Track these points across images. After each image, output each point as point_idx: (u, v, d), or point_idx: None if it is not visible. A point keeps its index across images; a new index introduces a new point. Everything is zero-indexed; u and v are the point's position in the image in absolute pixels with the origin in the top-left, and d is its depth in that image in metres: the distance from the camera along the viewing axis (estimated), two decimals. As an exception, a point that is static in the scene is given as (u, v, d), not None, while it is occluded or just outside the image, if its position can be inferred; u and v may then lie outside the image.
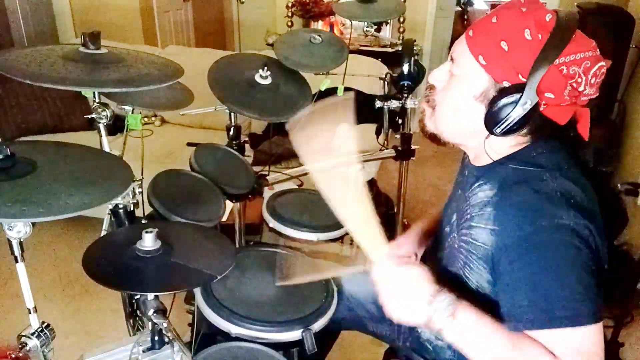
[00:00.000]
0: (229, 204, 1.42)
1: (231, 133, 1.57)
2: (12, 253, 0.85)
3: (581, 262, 0.78)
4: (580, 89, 0.81)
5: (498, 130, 0.83)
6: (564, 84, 0.80)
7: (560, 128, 0.84)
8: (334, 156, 0.95)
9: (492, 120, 0.83)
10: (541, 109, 0.81)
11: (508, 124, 0.81)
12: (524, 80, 0.80)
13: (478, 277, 0.90)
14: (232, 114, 1.53)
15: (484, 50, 0.83)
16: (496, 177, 0.88)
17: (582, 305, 0.76)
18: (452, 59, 0.90)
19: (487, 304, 0.87)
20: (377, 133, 2.40)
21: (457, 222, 0.95)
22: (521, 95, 0.79)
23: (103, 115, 1.10)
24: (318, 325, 1.08)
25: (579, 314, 0.76)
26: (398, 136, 1.93)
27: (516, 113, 0.80)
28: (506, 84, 0.82)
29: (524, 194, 0.81)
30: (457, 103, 0.89)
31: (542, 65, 0.78)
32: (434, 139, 0.96)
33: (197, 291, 1.12)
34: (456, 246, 0.94)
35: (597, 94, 0.84)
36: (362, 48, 3.96)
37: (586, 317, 0.76)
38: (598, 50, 0.81)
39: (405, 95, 1.82)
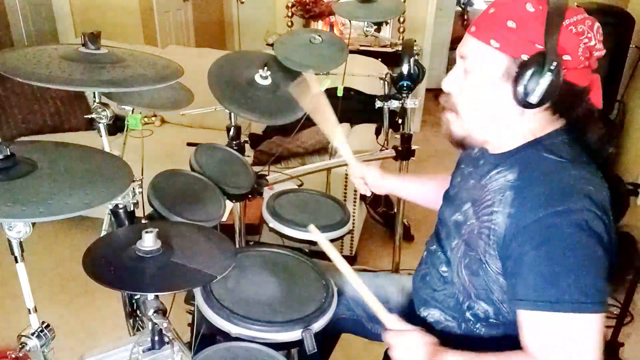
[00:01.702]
0: (229, 204, 1.42)
1: (231, 133, 1.57)
2: (12, 253, 0.85)
3: (592, 251, 0.80)
4: (592, 44, 0.85)
5: (534, 100, 0.84)
6: (577, 42, 0.84)
7: (579, 98, 0.88)
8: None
9: (524, 93, 0.84)
10: (562, 73, 0.83)
11: (541, 92, 0.83)
12: (541, 47, 0.83)
13: (494, 261, 0.92)
14: (232, 114, 1.53)
15: (493, 34, 0.86)
16: (517, 163, 0.91)
17: (589, 293, 0.79)
18: (462, 57, 0.92)
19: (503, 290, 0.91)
20: (377, 133, 2.40)
21: (475, 210, 0.97)
22: (544, 60, 0.82)
23: (103, 115, 1.10)
24: (318, 325, 1.08)
25: (584, 301, 0.78)
26: (398, 136, 1.93)
27: (546, 79, 0.82)
28: (525, 57, 0.84)
29: (543, 182, 0.85)
30: (482, 93, 0.91)
31: (554, 29, 0.82)
32: (462, 144, 0.99)
33: (197, 291, 1.12)
34: (476, 232, 0.95)
35: (604, 50, 0.87)
36: (362, 48, 3.95)
37: (591, 305, 0.78)
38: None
39: (405, 95, 1.81)
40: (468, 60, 0.91)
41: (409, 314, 1.21)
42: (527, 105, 0.85)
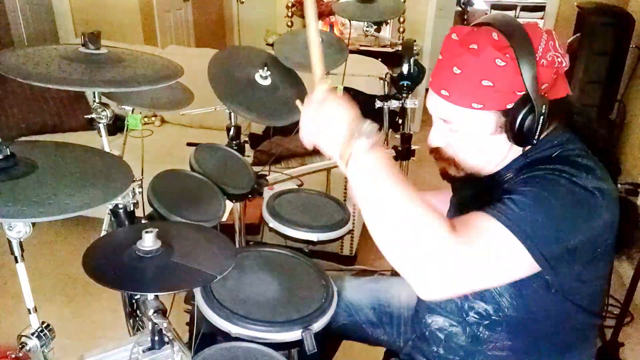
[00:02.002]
0: (229, 204, 1.42)
1: (231, 133, 1.57)
2: (12, 253, 0.84)
3: (574, 214, 0.80)
4: (564, 64, 0.86)
5: (535, 139, 0.85)
6: (551, 71, 0.85)
7: (561, 103, 0.89)
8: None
9: (523, 137, 0.85)
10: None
11: (539, 130, 0.84)
12: (522, 92, 0.83)
13: None
14: (232, 113, 1.52)
15: (472, 98, 0.85)
16: (519, 164, 0.92)
17: (539, 235, 0.78)
18: (443, 120, 0.92)
19: None
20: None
21: (478, 205, 0.95)
22: (532, 105, 0.82)
23: (103, 115, 1.10)
24: (318, 325, 1.08)
25: (532, 238, 0.77)
26: (398, 136, 1.93)
27: (539, 119, 0.83)
28: (510, 106, 0.84)
29: (550, 163, 0.85)
30: (478, 144, 0.91)
31: (532, 74, 0.82)
32: (468, 178, 0.97)
33: (197, 291, 1.12)
34: None
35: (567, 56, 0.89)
36: (362, 48, 3.96)
37: (535, 245, 0.77)
38: (539, 26, 0.87)
39: (405, 95, 1.81)
40: (453, 124, 0.90)
41: (414, 318, 1.21)
42: (530, 144, 0.87)
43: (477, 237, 0.78)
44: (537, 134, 0.85)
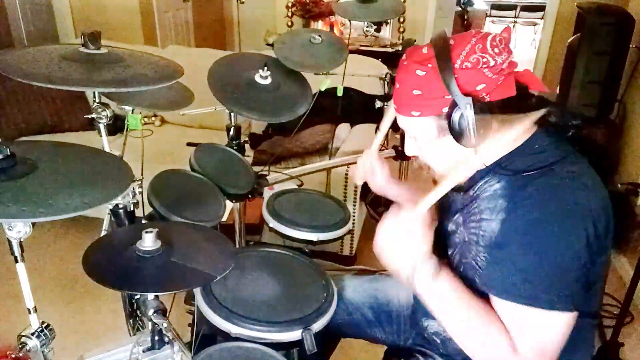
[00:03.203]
0: (229, 204, 1.42)
1: (231, 133, 1.57)
2: (12, 253, 0.84)
3: (576, 256, 0.83)
4: (492, 63, 0.86)
5: (474, 141, 0.88)
6: (478, 72, 0.86)
7: (523, 99, 0.92)
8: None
9: (462, 138, 0.89)
10: (488, 99, 0.87)
11: (473, 130, 0.87)
12: (449, 96, 0.88)
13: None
14: (232, 114, 1.52)
15: (410, 107, 0.93)
16: (504, 171, 0.93)
17: (562, 295, 0.83)
18: (405, 130, 1.00)
19: None
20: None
21: (465, 218, 0.99)
22: (457, 106, 0.87)
23: (103, 115, 1.10)
24: (318, 325, 1.08)
25: (557, 302, 0.83)
26: (398, 136, 1.93)
27: (470, 118, 0.86)
28: (445, 110, 0.89)
29: (533, 183, 0.87)
30: (435, 151, 0.98)
31: (449, 78, 0.86)
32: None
33: (197, 291, 1.12)
34: (466, 239, 0.97)
35: (511, 53, 0.90)
36: (362, 48, 3.96)
37: (563, 305, 0.83)
38: (481, 33, 0.91)
39: (405, 95, 1.81)
40: (409, 132, 0.99)
41: (412, 319, 1.21)
42: (472, 145, 0.89)
43: (536, 343, 0.86)
44: (475, 135, 0.87)
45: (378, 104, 1.87)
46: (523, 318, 0.85)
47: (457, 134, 0.88)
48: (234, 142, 1.58)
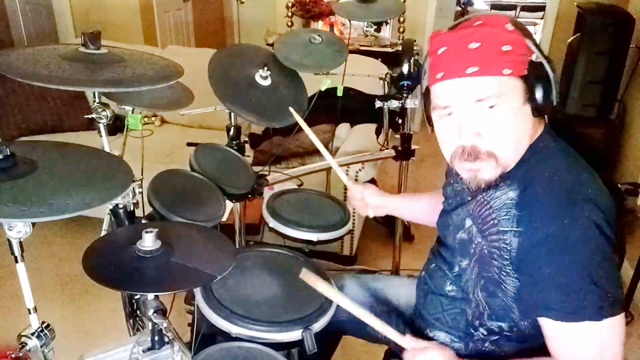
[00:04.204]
0: (229, 204, 1.42)
1: (231, 133, 1.57)
2: (12, 253, 0.84)
3: (605, 256, 0.82)
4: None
5: (554, 103, 0.86)
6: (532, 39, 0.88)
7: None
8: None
9: (544, 103, 0.86)
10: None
11: (556, 92, 0.86)
12: (530, 57, 0.85)
13: (513, 280, 0.91)
14: (232, 114, 1.52)
15: (501, 64, 0.84)
16: (514, 177, 0.91)
17: (607, 297, 0.81)
18: (479, 101, 0.86)
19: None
20: (377, 133, 2.40)
21: (479, 228, 0.96)
22: (545, 66, 0.85)
23: (103, 115, 1.10)
24: (318, 325, 1.08)
25: (604, 305, 0.81)
26: (398, 136, 1.93)
27: (553, 79, 0.86)
28: (525, 72, 0.85)
29: (545, 194, 0.85)
30: (514, 119, 0.87)
31: (532, 37, 0.86)
32: (486, 186, 0.93)
33: (197, 291, 1.12)
34: (487, 252, 0.94)
35: None
36: (362, 48, 3.95)
37: (611, 308, 0.81)
38: None
39: (405, 95, 1.82)
40: (490, 100, 0.85)
41: (413, 326, 1.20)
42: (547, 112, 0.87)
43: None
44: (556, 94, 0.85)
45: (378, 104, 1.87)
46: (574, 337, 0.84)
47: (542, 98, 0.85)
48: (234, 142, 1.58)
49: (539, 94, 0.85)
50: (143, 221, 1.15)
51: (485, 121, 0.86)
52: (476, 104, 0.86)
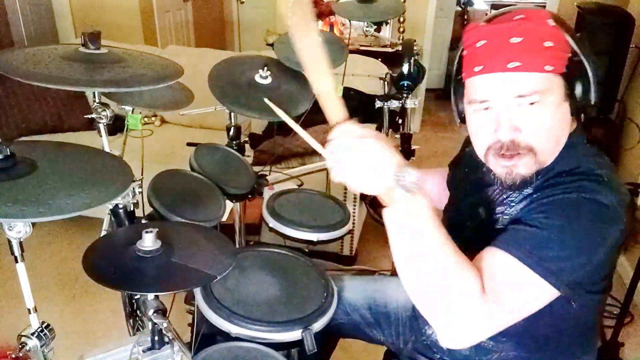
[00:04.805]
0: (229, 204, 1.42)
1: (231, 133, 1.57)
2: (12, 253, 0.85)
3: (598, 240, 0.81)
4: None
5: (594, 99, 0.86)
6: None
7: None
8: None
9: (585, 102, 0.86)
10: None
11: (595, 93, 0.86)
12: (569, 55, 0.84)
13: None
14: (232, 114, 1.52)
15: (542, 60, 0.83)
16: (544, 176, 0.90)
17: (563, 272, 0.80)
18: (520, 97, 0.84)
19: None
20: (377, 133, 2.39)
21: (489, 220, 0.96)
22: (585, 64, 0.84)
23: (103, 115, 1.10)
24: (318, 325, 1.08)
25: (553, 275, 0.80)
26: (398, 136, 1.93)
27: (592, 79, 0.85)
28: (565, 70, 0.84)
29: (569, 183, 0.85)
30: (555, 116, 0.87)
31: (575, 35, 0.85)
32: (520, 183, 0.91)
33: (197, 291, 1.12)
34: (488, 229, 0.95)
35: None
36: (362, 48, 3.96)
37: (558, 282, 0.80)
38: None
39: (405, 95, 1.82)
40: (532, 96, 0.84)
41: (412, 324, 1.20)
42: (585, 112, 0.87)
43: (507, 292, 0.81)
44: (592, 98, 0.85)
45: (378, 104, 1.87)
46: (510, 271, 0.81)
47: (583, 97, 0.85)
48: (234, 142, 1.58)
49: (578, 92, 0.85)
50: (143, 221, 1.15)
51: (525, 118, 0.85)
52: (516, 100, 0.85)
